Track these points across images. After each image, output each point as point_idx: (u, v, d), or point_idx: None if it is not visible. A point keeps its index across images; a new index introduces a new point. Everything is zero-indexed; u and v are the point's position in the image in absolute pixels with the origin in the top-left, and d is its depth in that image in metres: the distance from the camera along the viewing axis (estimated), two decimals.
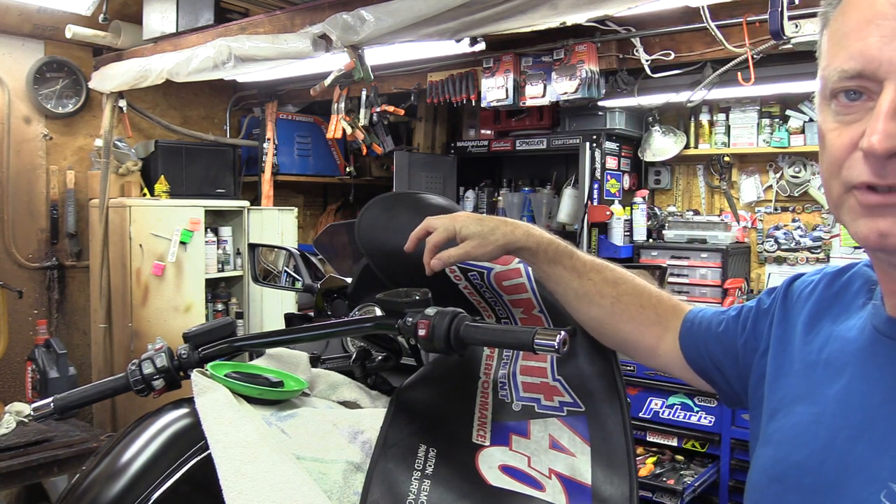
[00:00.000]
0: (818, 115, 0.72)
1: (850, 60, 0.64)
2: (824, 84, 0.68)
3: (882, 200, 0.64)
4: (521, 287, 1.13)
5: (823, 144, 0.70)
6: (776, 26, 2.28)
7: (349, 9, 2.57)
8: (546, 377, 1.10)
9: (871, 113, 0.63)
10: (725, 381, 0.95)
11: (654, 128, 4.24)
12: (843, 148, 0.66)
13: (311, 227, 5.42)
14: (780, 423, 0.80)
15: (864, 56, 0.63)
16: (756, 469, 0.81)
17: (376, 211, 1.24)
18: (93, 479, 0.96)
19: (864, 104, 0.65)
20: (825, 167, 0.70)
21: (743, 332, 0.93)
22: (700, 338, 0.97)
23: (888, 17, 0.62)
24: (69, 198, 4.12)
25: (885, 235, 0.65)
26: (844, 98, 0.66)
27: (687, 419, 3.25)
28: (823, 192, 0.73)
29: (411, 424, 1.07)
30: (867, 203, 0.65)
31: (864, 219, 0.66)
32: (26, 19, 3.78)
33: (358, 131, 4.26)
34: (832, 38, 0.68)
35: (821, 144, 0.71)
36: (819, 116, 0.71)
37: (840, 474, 0.69)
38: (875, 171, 0.63)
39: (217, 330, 1.13)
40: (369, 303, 1.34)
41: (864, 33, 0.63)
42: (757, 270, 4.17)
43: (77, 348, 4.21)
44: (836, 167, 0.67)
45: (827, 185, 0.71)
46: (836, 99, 0.67)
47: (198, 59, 3.16)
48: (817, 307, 0.84)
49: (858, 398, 0.72)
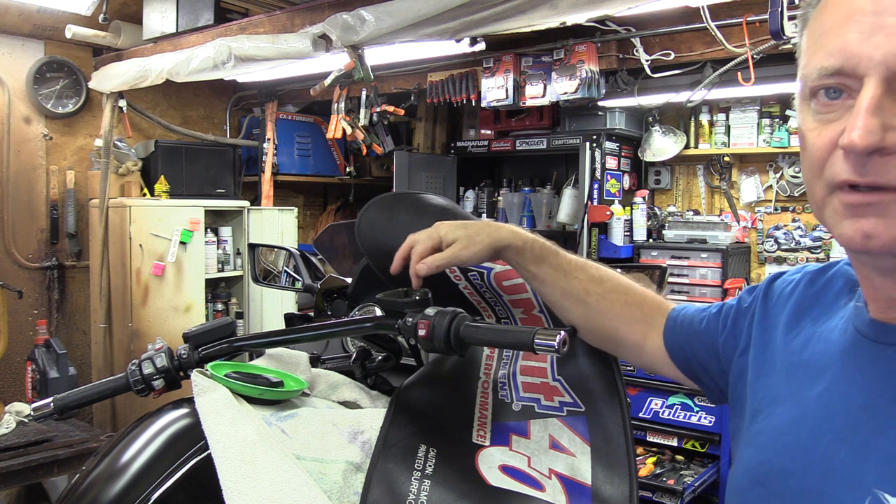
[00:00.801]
0: (798, 116, 0.71)
1: (830, 57, 0.64)
2: (804, 83, 0.68)
3: (864, 199, 0.63)
4: (521, 287, 1.13)
5: (804, 145, 0.69)
6: (776, 26, 2.29)
7: (349, 9, 2.57)
8: (546, 377, 1.10)
9: (850, 111, 0.63)
10: (710, 379, 0.95)
11: (654, 128, 4.24)
12: (824, 147, 0.65)
13: (311, 227, 5.42)
14: (762, 424, 0.79)
15: (844, 52, 0.62)
16: (738, 471, 0.80)
17: (376, 211, 1.24)
18: (93, 479, 0.96)
19: (844, 102, 0.64)
20: (807, 169, 0.69)
21: (723, 330, 0.92)
22: (683, 335, 0.97)
23: (867, 13, 0.61)
24: (69, 198, 4.12)
25: (869, 237, 0.63)
26: (824, 96, 0.65)
27: (687, 419, 3.25)
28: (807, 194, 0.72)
29: (411, 424, 1.07)
30: (849, 202, 0.64)
31: (848, 220, 0.65)
32: (26, 19, 3.78)
33: (358, 131, 4.26)
34: (811, 37, 0.68)
35: (802, 146, 0.70)
36: (799, 117, 0.70)
37: (824, 479, 0.68)
38: (855, 169, 0.62)
39: (217, 330, 1.13)
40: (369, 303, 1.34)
41: (844, 30, 0.63)
42: (757, 270, 4.17)
43: (77, 348, 4.21)
44: (817, 168, 0.67)
45: (810, 188, 0.70)
46: (816, 98, 0.66)
47: (198, 59, 3.16)
48: (798, 306, 0.83)
49: (840, 401, 0.71)
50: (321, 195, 5.59)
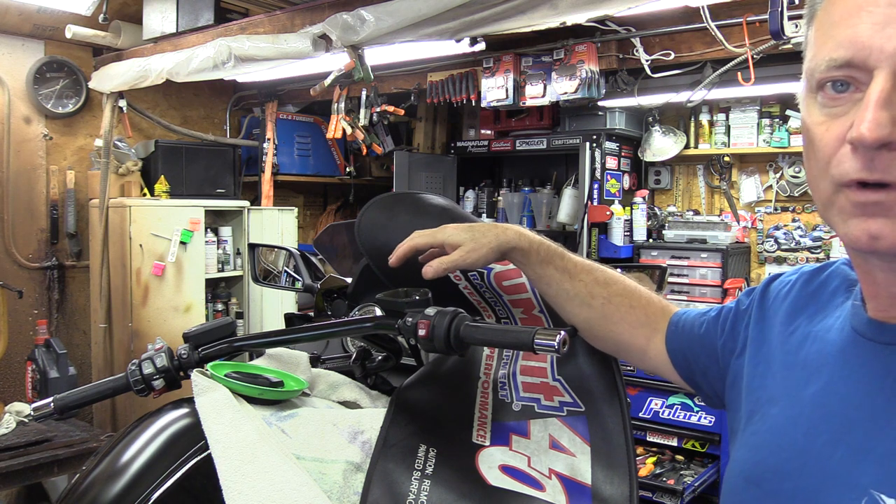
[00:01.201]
0: (803, 110, 0.69)
1: (840, 49, 0.62)
2: (811, 76, 0.66)
3: (872, 198, 0.61)
4: (521, 287, 1.13)
5: (810, 140, 0.67)
6: (776, 26, 2.29)
7: (349, 9, 2.57)
8: (546, 377, 1.10)
9: (859, 105, 0.61)
10: (709, 384, 0.94)
11: (654, 128, 4.24)
12: (831, 143, 0.63)
13: (311, 227, 5.42)
14: (757, 425, 0.78)
15: (855, 44, 0.61)
16: (732, 472, 0.79)
17: (376, 211, 1.24)
18: (93, 479, 0.96)
19: (852, 96, 0.62)
20: (812, 165, 0.67)
21: (722, 334, 0.92)
22: (685, 340, 0.96)
23: (880, 3, 0.60)
24: (69, 198, 4.12)
25: (877, 237, 0.62)
26: (832, 90, 0.64)
27: (687, 419, 3.25)
28: (811, 192, 0.70)
29: (411, 424, 1.07)
30: (858, 201, 0.62)
31: (855, 219, 0.63)
32: (26, 19, 3.78)
33: (358, 131, 4.26)
34: (820, 29, 0.66)
35: (806, 141, 0.68)
36: (804, 112, 0.68)
37: (820, 480, 0.67)
38: (864, 165, 0.61)
39: (217, 330, 1.13)
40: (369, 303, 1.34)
41: (855, 21, 0.61)
42: (757, 270, 4.17)
43: (77, 348, 4.21)
44: (823, 164, 0.65)
45: (815, 185, 0.68)
46: (823, 91, 0.64)
47: (198, 59, 3.16)
48: (794, 306, 0.83)
49: (836, 401, 0.70)
50: (321, 195, 5.59)
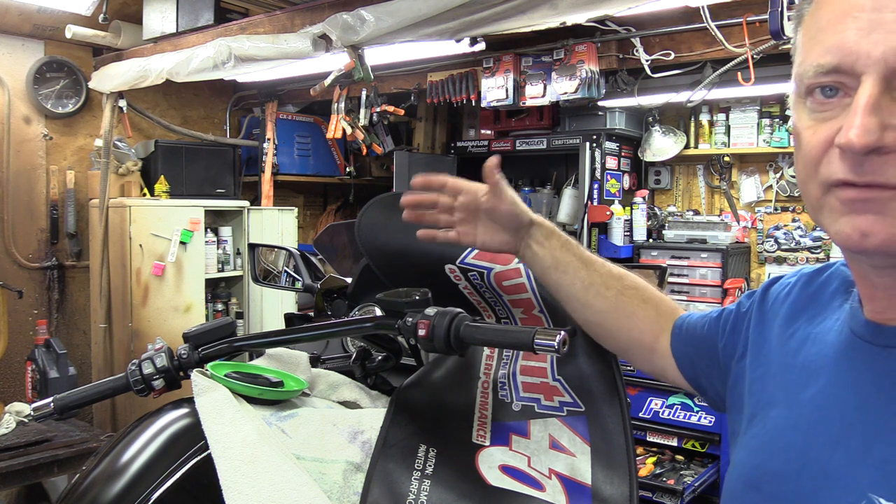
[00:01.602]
0: (793, 114, 0.69)
1: (827, 55, 0.62)
2: (800, 81, 0.66)
3: (861, 195, 0.61)
4: (521, 287, 1.13)
5: (799, 144, 0.67)
6: (776, 26, 2.29)
7: (349, 9, 2.57)
8: (546, 377, 1.10)
9: (847, 109, 0.61)
10: (712, 387, 0.94)
11: (654, 128, 4.24)
12: (819, 146, 0.64)
13: (311, 227, 5.42)
14: (757, 428, 0.78)
15: (842, 49, 0.61)
16: (732, 476, 0.79)
17: (376, 211, 1.24)
18: (93, 479, 0.96)
19: (841, 101, 0.62)
20: (801, 168, 0.67)
21: (723, 336, 0.91)
22: (689, 343, 0.96)
23: (865, 9, 0.60)
24: (69, 198, 4.12)
25: (866, 234, 0.62)
26: (820, 95, 0.64)
27: (687, 419, 3.25)
28: (802, 196, 0.70)
29: (411, 424, 1.07)
30: (847, 198, 0.62)
31: (845, 217, 0.63)
32: (26, 19, 3.78)
33: (358, 131, 4.26)
34: (807, 34, 0.66)
35: (796, 145, 0.69)
36: (794, 116, 0.69)
37: (818, 483, 0.67)
38: (852, 168, 0.61)
39: (217, 330, 1.13)
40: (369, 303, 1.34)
41: (841, 26, 0.61)
42: (757, 270, 4.17)
43: (77, 348, 4.21)
44: (812, 166, 0.65)
45: (805, 188, 0.68)
46: (812, 96, 0.65)
47: (198, 59, 3.16)
48: (794, 308, 0.82)
49: (835, 403, 0.70)
50: (321, 195, 5.58)
